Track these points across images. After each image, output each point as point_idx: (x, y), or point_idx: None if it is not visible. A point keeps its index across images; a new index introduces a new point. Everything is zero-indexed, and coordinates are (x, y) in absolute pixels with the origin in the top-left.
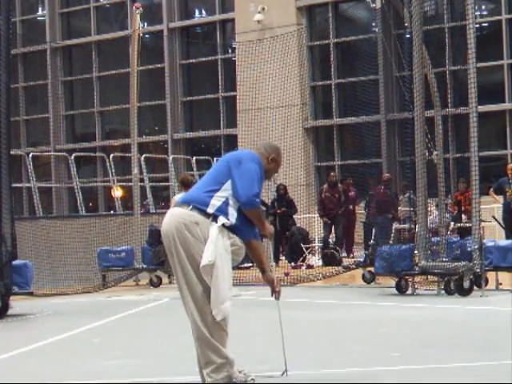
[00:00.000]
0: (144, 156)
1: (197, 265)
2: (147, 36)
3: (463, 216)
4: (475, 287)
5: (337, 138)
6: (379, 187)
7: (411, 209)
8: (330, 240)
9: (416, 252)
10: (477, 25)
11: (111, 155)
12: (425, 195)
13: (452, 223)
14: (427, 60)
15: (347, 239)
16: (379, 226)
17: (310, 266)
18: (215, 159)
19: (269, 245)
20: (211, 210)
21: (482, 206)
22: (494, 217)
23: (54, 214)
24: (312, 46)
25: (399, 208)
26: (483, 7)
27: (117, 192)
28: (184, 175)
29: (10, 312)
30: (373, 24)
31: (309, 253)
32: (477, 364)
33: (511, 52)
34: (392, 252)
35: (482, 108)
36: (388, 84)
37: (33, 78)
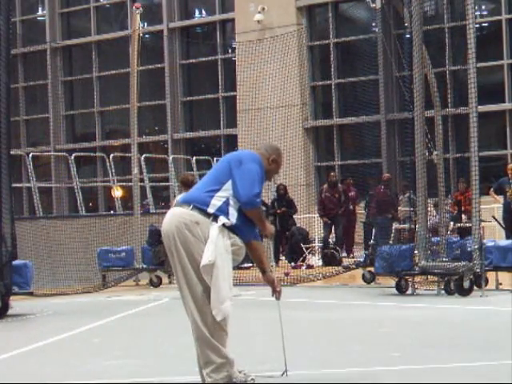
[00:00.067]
0: (144, 156)
1: (197, 264)
2: (147, 36)
3: (463, 216)
4: (475, 287)
5: (337, 138)
6: (379, 187)
7: (411, 209)
8: (330, 240)
9: (416, 252)
10: (477, 25)
11: (111, 155)
12: (425, 195)
13: (452, 223)
14: (427, 60)
15: (347, 239)
16: (379, 226)
17: (310, 266)
18: (215, 159)
19: (269, 245)
20: (212, 210)
21: (482, 206)
22: (494, 217)
23: (54, 214)
24: (312, 46)
25: (399, 208)
26: (483, 7)
27: (117, 192)
28: (184, 175)
29: (10, 312)
30: (373, 24)
31: (309, 253)
32: (477, 364)
33: (511, 52)
34: (392, 252)
35: (482, 108)
36: (388, 84)
37: (33, 78)
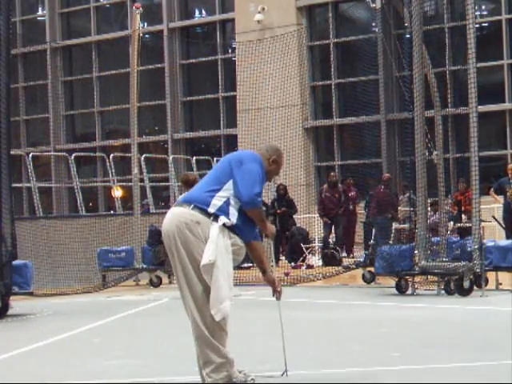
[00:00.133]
0: (144, 156)
1: (197, 264)
2: (147, 36)
3: (463, 216)
4: (475, 287)
5: (337, 138)
6: (379, 187)
7: (411, 209)
8: (330, 240)
9: (416, 252)
10: (477, 25)
11: (111, 155)
12: (425, 195)
13: (451, 223)
14: (427, 60)
15: (347, 239)
16: (379, 226)
17: (310, 266)
18: (215, 159)
19: (270, 245)
20: (212, 210)
21: (482, 206)
22: (494, 217)
23: (54, 214)
24: (312, 46)
25: (399, 208)
26: (483, 7)
27: (117, 192)
28: (185, 174)
29: (10, 312)
30: (373, 24)
31: (309, 253)
32: (477, 364)
33: (511, 52)
34: (392, 252)
35: (482, 108)
36: (388, 84)
37: (33, 78)
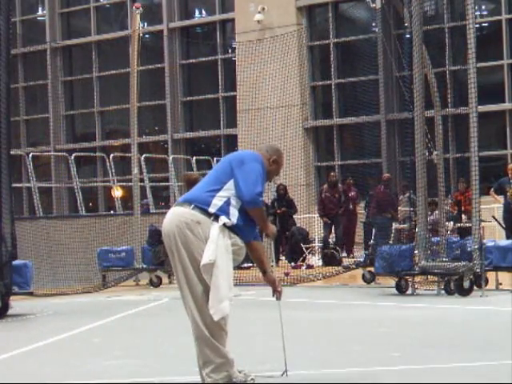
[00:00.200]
0: (144, 156)
1: (197, 264)
2: (147, 36)
3: (463, 216)
4: (475, 287)
5: (337, 138)
6: (379, 187)
7: (411, 209)
8: (330, 240)
9: (416, 252)
10: (477, 25)
11: (111, 155)
12: (425, 195)
13: (451, 223)
14: (427, 60)
15: (347, 239)
16: (379, 226)
17: (310, 266)
18: (215, 159)
19: (270, 245)
20: (213, 210)
21: (482, 206)
22: (494, 217)
23: (54, 214)
24: (312, 46)
25: (399, 208)
26: (483, 7)
27: (117, 192)
28: (187, 173)
29: (10, 312)
30: (373, 24)
31: (309, 253)
32: (477, 364)
33: (511, 52)
34: (392, 252)
35: (482, 108)
36: (388, 84)
37: (33, 78)
